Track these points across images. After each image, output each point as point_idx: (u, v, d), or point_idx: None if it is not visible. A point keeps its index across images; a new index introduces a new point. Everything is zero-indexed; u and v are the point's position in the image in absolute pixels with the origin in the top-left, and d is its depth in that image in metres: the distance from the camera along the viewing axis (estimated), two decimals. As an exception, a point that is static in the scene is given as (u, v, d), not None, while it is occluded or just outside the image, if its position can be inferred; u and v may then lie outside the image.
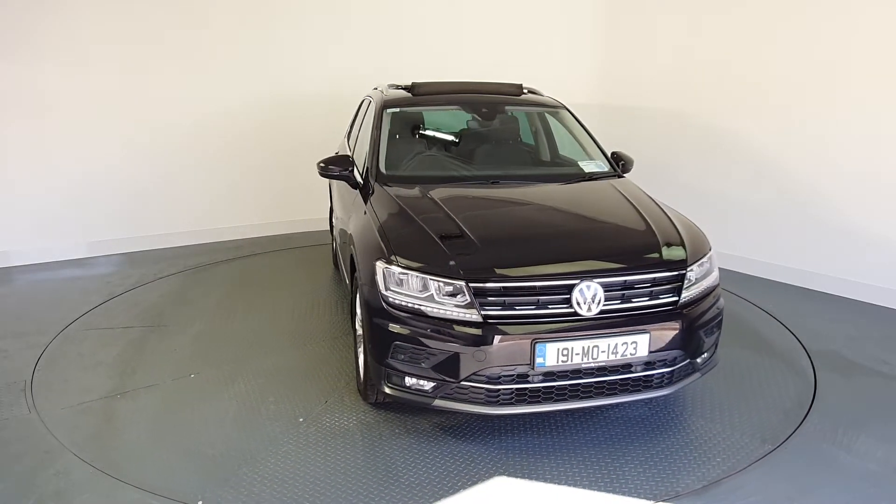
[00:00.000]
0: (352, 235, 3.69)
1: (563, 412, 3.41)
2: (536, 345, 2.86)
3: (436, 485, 2.87)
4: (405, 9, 6.86)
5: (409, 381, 3.02)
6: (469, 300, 2.92)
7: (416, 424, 3.34)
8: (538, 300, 2.94)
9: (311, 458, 3.05)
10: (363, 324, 3.29)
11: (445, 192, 3.72)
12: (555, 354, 2.88)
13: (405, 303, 3.00)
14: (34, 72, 5.60)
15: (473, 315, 2.91)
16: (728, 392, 3.68)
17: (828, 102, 5.14)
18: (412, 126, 4.61)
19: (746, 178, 5.76)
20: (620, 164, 4.34)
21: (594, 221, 3.60)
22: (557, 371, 2.92)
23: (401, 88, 4.80)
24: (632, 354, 2.97)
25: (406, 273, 3.01)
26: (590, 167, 4.25)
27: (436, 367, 2.94)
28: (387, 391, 3.11)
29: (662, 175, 6.13)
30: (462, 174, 4.14)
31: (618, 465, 3.02)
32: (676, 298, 3.10)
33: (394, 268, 3.05)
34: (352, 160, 4.29)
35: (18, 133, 5.66)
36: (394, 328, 2.99)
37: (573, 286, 2.94)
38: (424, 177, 4.02)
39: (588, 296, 2.94)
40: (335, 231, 5.19)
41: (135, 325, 4.56)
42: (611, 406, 3.45)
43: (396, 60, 6.76)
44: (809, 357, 4.14)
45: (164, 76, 6.10)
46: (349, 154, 4.91)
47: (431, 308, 2.95)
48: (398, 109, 4.51)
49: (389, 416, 3.41)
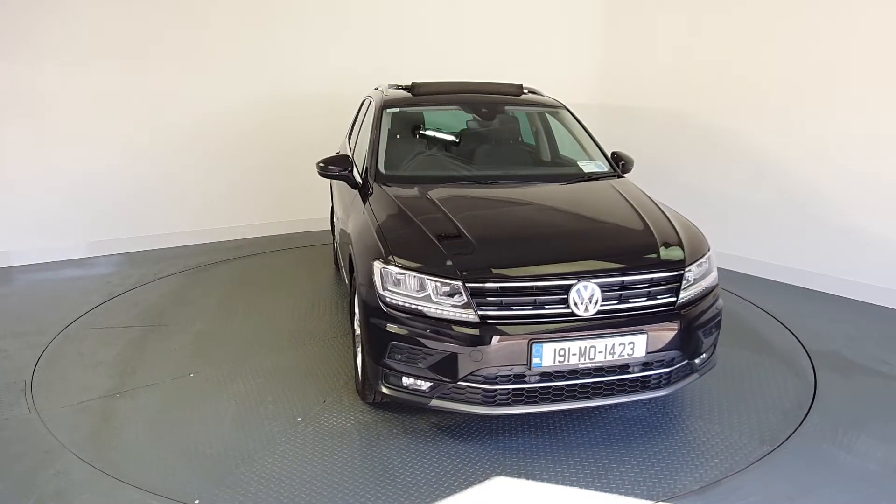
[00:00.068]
0: (350, 235, 3.69)
1: (561, 412, 3.40)
2: (533, 345, 2.86)
3: (433, 485, 2.87)
4: (405, 9, 6.86)
5: (407, 381, 3.02)
6: (466, 300, 2.92)
7: (414, 424, 3.34)
8: (535, 300, 2.93)
9: (309, 458, 3.06)
10: (361, 324, 3.29)
11: (444, 193, 3.72)
12: (551, 355, 2.87)
13: (402, 303, 3.00)
14: (34, 72, 5.61)
15: (470, 315, 2.91)
16: (727, 392, 3.68)
17: (828, 102, 5.13)
18: (412, 126, 4.61)
19: (746, 178, 5.76)
20: (620, 165, 4.33)
21: (592, 221, 3.60)
22: (554, 371, 2.92)
23: (401, 88, 4.80)
24: (629, 355, 2.96)
25: (403, 273, 3.01)
26: (589, 167, 4.24)
27: (433, 367, 2.94)
28: (384, 391, 3.11)
29: (662, 175, 6.12)
30: (462, 174, 4.13)
31: (615, 466, 3.01)
32: (674, 299, 3.10)
33: (391, 268, 3.05)
34: (351, 160, 4.29)
35: (18, 133, 5.67)
36: (391, 328, 2.99)
37: (570, 286, 2.93)
38: (424, 177, 4.01)
39: (585, 296, 2.93)
40: (336, 231, 5.19)
41: (135, 325, 4.57)
42: (608, 407, 3.45)
43: (396, 60, 6.76)
44: (809, 357, 4.14)
45: (164, 76, 6.10)
46: (349, 154, 4.92)
47: (429, 308, 2.95)
48: (398, 109, 4.51)
49: (387, 416, 3.41)
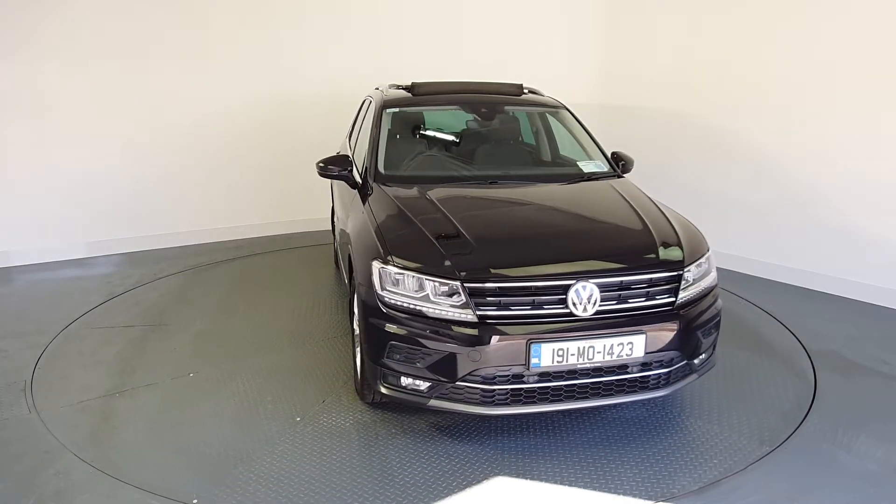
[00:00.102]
0: (350, 235, 3.69)
1: (560, 413, 3.40)
2: (532, 345, 2.85)
3: (431, 485, 2.87)
4: (405, 9, 6.86)
5: (405, 381, 3.02)
6: (465, 300, 2.91)
7: (413, 424, 3.34)
8: (534, 300, 2.93)
9: (308, 458, 3.06)
10: (360, 323, 3.29)
11: (443, 193, 3.72)
12: (550, 355, 2.87)
13: (401, 303, 3.00)
14: (34, 72, 5.61)
15: (469, 315, 2.91)
16: (727, 393, 3.68)
17: (828, 102, 5.12)
18: (412, 126, 4.61)
19: (746, 178, 5.75)
20: (620, 165, 4.33)
21: (591, 222, 3.60)
22: (553, 371, 2.92)
23: (401, 88, 4.80)
24: (628, 355, 2.96)
25: (402, 273, 3.01)
26: (589, 167, 4.24)
27: (431, 367, 2.93)
28: (383, 391, 3.11)
29: (662, 175, 6.12)
30: (461, 174, 4.13)
31: (614, 466, 3.01)
32: (673, 299, 3.09)
33: (390, 268, 3.05)
34: (351, 160, 4.29)
35: (18, 133, 5.67)
36: (390, 328, 2.99)
37: (569, 286, 2.93)
38: (423, 177, 4.01)
39: (584, 296, 2.93)
40: (336, 231, 5.19)
41: (135, 325, 4.57)
42: (607, 407, 3.44)
43: (396, 60, 6.76)
44: (809, 357, 4.13)
45: (164, 76, 6.11)
46: (350, 154, 4.92)
47: (427, 308, 2.95)
48: (398, 109, 4.52)
49: (386, 416, 3.41)
